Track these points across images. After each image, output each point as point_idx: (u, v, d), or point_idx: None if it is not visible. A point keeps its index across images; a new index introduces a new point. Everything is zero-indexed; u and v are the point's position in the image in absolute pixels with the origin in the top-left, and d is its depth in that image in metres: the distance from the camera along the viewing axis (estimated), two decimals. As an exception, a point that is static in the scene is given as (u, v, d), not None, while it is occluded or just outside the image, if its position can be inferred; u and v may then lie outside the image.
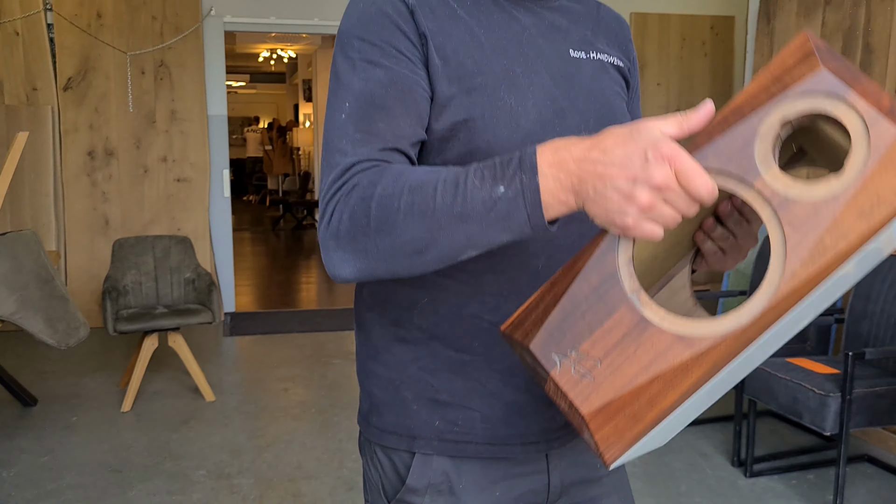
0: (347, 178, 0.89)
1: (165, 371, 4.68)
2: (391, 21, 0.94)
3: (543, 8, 1.04)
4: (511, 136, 0.95)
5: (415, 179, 0.83)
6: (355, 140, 0.91)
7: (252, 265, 8.80)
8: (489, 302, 1.00)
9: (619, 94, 1.07)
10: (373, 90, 0.92)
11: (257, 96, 18.62)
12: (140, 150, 5.75)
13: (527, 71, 0.98)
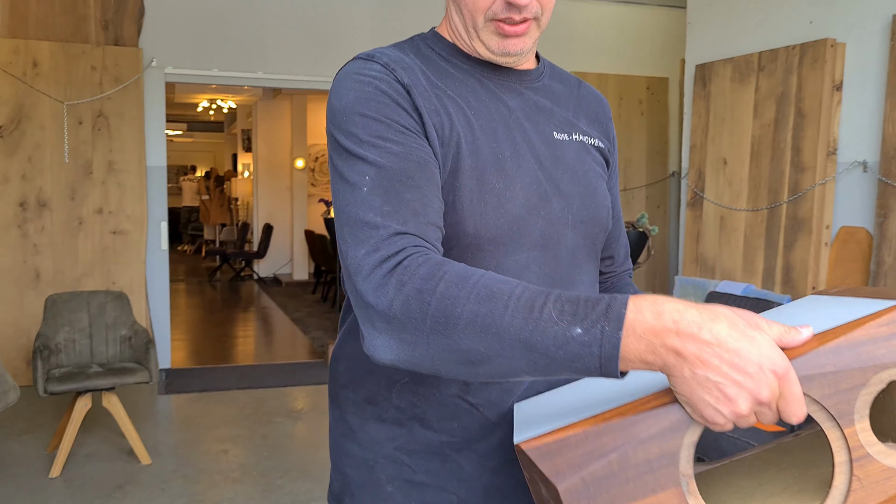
0: (397, 253, 0.83)
1: (98, 433, 4.48)
2: (391, 99, 0.92)
3: (528, 88, 1.05)
4: (498, 222, 0.94)
5: (484, 287, 0.78)
6: (384, 212, 0.85)
7: (188, 318, 8.57)
8: (471, 383, 0.98)
9: (600, 175, 1.08)
10: (392, 164, 0.88)
11: (194, 145, 18.40)
12: (75, 202, 5.58)
13: (514, 154, 0.98)
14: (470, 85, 1.00)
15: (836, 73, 3.68)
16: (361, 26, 6.23)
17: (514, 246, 0.96)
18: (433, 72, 1.00)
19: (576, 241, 1.03)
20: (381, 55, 0.98)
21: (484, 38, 0.97)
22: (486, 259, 0.96)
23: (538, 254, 0.98)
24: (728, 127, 4.26)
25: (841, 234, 3.68)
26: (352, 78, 0.95)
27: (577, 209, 1.02)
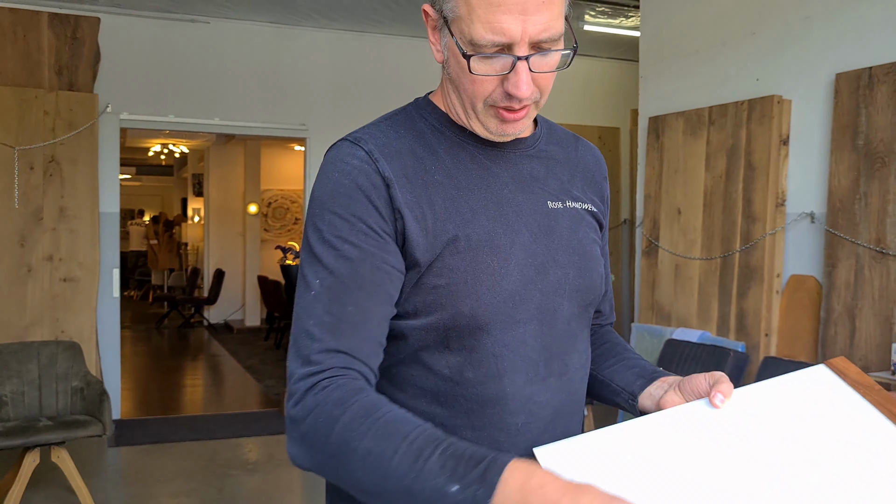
0: (322, 371, 0.89)
1: (44, 488, 4.31)
2: (365, 195, 0.94)
3: (522, 157, 1.06)
4: (493, 300, 0.96)
5: (383, 426, 0.83)
6: (325, 324, 0.91)
7: (136, 367, 8.35)
8: None
9: (594, 241, 1.10)
10: (345, 270, 0.93)
11: (142, 188, 18.14)
12: (24, 249, 5.44)
13: (507, 230, 0.99)
14: (461, 161, 1.01)
15: (783, 127, 3.84)
16: (317, 74, 6.28)
17: (510, 322, 0.98)
18: (424, 149, 1.00)
19: (571, 311, 1.05)
20: (369, 140, 0.99)
21: (483, 120, 0.98)
22: (483, 335, 0.97)
23: (535, 326, 1.00)
24: (681, 178, 4.39)
25: (791, 283, 3.80)
26: (334, 166, 0.97)
27: (573, 279, 1.04)
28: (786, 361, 3.44)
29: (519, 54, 0.90)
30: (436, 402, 0.99)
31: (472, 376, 0.98)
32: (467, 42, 0.91)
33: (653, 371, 1.10)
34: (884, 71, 3.34)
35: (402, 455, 0.80)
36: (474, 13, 0.88)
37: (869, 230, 3.36)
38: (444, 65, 1.00)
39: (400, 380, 1.01)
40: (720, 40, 4.28)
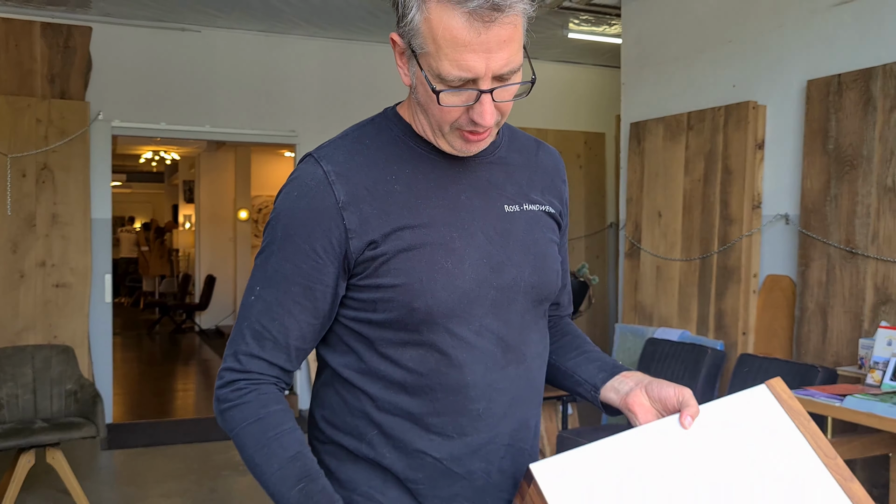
0: (243, 375, 1.10)
1: (38, 490, 4.38)
2: (314, 217, 1.07)
3: (481, 164, 1.15)
4: (448, 298, 1.07)
5: (268, 447, 1.06)
6: (255, 331, 1.10)
7: (128, 372, 8.40)
8: (434, 440, 1.10)
9: (551, 241, 1.20)
10: (279, 283, 1.09)
11: (133, 196, 18.16)
12: (17, 255, 5.51)
13: (463, 234, 1.10)
14: (422, 170, 1.11)
15: (759, 132, 3.96)
16: (308, 81, 6.38)
17: (466, 317, 1.09)
18: (387, 160, 1.11)
19: (526, 305, 1.15)
20: (330, 157, 1.10)
21: (449, 140, 1.08)
22: (440, 330, 1.08)
23: (491, 320, 1.11)
24: (661, 182, 4.50)
25: (767, 282, 3.92)
26: (296, 183, 1.10)
27: (528, 276, 1.14)
28: (759, 358, 3.55)
29: (483, 88, 1.00)
30: (404, 392, 1.10)
31: (435, 368, 1.09)
32: (435, 76, 1.00)
33: (614, 365, 1.21)
34: (852, 78, 3.46)
35: (274, 478, 1.05)
36: (441, 51, 0.98)
37: (839, 231, 3.48)
38: (411, 88, 1.09)
39: (372, 374, 1.11)
40: (698, 48, 4.41)
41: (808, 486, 1.01)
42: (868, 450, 2.71)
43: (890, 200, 3.28)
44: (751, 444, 1.04)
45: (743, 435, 1.04)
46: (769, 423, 1.06)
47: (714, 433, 1.04)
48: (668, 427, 1.04)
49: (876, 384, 2.67)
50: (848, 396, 2.44)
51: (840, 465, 1.04)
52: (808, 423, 1.07)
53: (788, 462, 1.03)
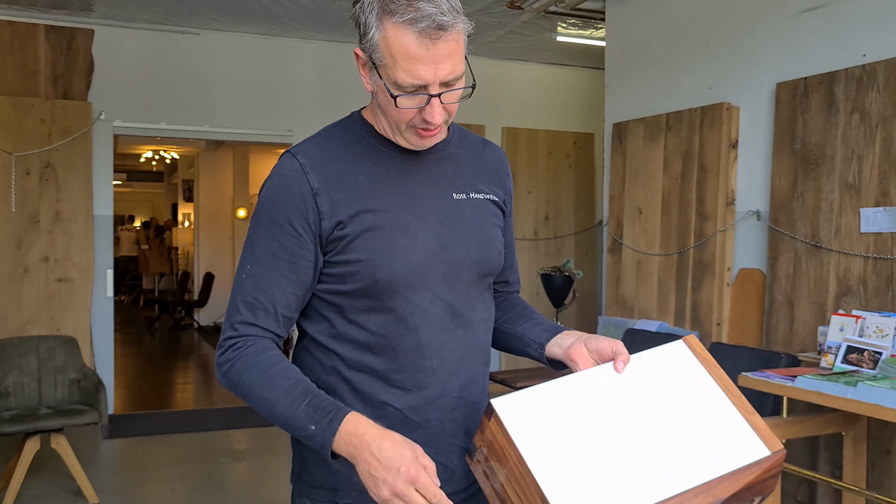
0: (239, 337, 1.26)
1: (43, 475, 4.56)
2: (293, 201, 1.27)
3: (433, 159, 1.36)
4: (405, 270, 1.27)
5: (270, 379, 1.21)
6: (248, 302, 1.27)
7: (128, 367, 8.58)
8: (396, 393, 1.30)
9: (494, 225, 1.40)
10: (267, 261, 1.27)
11: (132, 195, 18.34)
12: (21, 250, 5.69)
13: (417, 218, 1.30)
14: (383, 164, 1.31)
15: (732, 132, 4.14)
16: (304, 82, 6.56)
17: (420, 286, 1.29)
18: (353, 156, 1.31)
19: (472, 278, 1.35)
20: (305, 152, 1.30)
21: (405, 136, 1.29)
22: (399, 297, 1.28)
23: (442, 290, 1.31)
24: (642, 180, 4.69)
25: (740, 275, 4.10)
26: (276, 174, 1.30)
27: (473, 253, 1.34)
28: (729, 346, 3.73)
29: (432, 93, 1.21)
30: (369, 352, 1.30)
31: (394, 331, 1.29)
32: (392, 83, 1.21)
33: (556, 327, 1.41)
34: (817, 80, 3.64)
35: (282, 402, 1.19)
36: (397, 63, 1.19)
37: (805, 226, 3.67)
38: (372, 94, 1.30)
39: (342, 338, 1.31)
40: (677, 52, 4.59)
41: (717, 418, 1.20)
42: (822, 428, 2.89)
43: (851, 197, 3.47)
44: (671, 386, 1.23)
45: (665, 378, 1.24)
46: (686, 369, 1.26)
47: (641, 377, 1.23)
48: (604, 372, 1.23)
49: (829, 367, 2.85)
50: (798, 377, 2.62)
51: (744, 402, 1.23)
52: (718, 370, 1.27)
53: (701, 399, 1.22)
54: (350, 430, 1.13)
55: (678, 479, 1.12)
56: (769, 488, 1.21)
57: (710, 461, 1.15)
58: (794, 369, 2.92)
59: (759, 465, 1.16)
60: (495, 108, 6.98)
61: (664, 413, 1.20)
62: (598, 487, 1.09)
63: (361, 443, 1.12)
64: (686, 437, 1.17)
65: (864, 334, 2.80)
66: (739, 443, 1.18)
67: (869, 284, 3.37)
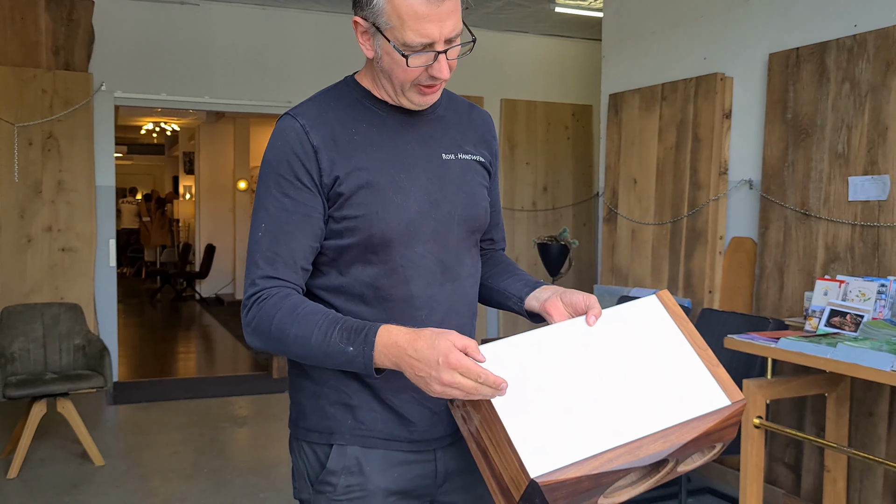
0: (261, 290, 1.30)
1: (49, 439, 4.67)
2: (298, 158, 1.33)
3: (423, 121, 1.42)
4: (398, 225, 1.35)
5: (302, 317, 1.26)
6: (267, 257, 1.32)
7: (131, 336, 8.70)
8: None
9: (480, 184, 1.47)
10: (281, 216, 1.32)
11: (134, 167, 18.37)
12: (24, 220, 5.77)
13: (409, 176, 1.37)
14: (377, 124, 1.38)
15: (726, 103, 4.19)
16: (303, 53, 6.59)
17: (412, 241, 1.36)
18: (349, 117, 1.37)
19: (460, 234, 1.43)
20: (304, 114, 1.36)
21: (409, 96, 1.35)
22: (393, 251, 1.35)
23: (432, 245, 1.39)
24: (637, 150, 4.74)
25: (732, 244, 4.17)
26: (279, 135, 1.36)
27: (461, 210, 1.42)
28: (719, 312, 3.82)
29: (439, 49, 1.28)
30: (363, 303, 1.37)
31: (387, 282, 1.36)
32: (401, 44, 1.27)
33: (535, 282, 1.48)
34: (809, 51, 3.69)
35: (316, 335, 1.24)
36: (405, 24, 1.25)
37: (795, 194, 3.73)
38: (374, 60, 1.35)
39: (337, 290, 1.39)
40: (672, 22, 4.62)
41: (681, 369, 1.28)
42: (805, 389, 2.98)
43: (840, 166, 3.52)
44: (640, 338, 1.30)
45: (635, 331, 1.31)
46: (656, 323, 1.33)
47: (613, 329, 1.30)
48: (576, 324, 1.29)
49: (813, 330, 2.93)
50: (781, 339, 2.70)
51: (709, 354, 1.31)
52: (687, 324, 1.34)
53: (669, 351, 1.29)
54: (385, 341, 1.19)
55: (639, 425, 1.19)
56: (728, 436, 1.28)
57: (672, 409, 1.22)
58: (779, 332, 3.00)
59: (718, 413, 1.23)
60: (494, 80, 7.01)
61: (630, 363, 1.26)
62: (562, 432, 1.16)
63: (399, 351, 1.17)
64: (649, 386, 1.24)
65: (848, 298, 2.88)
66: (701, 392, 1.25)
67: (856, 251, 3.44)
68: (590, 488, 1.15)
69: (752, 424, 2.83)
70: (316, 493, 1.39)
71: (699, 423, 1.21)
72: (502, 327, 6.97)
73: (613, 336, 1.29)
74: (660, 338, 1.31)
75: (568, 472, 1.12)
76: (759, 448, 2.89)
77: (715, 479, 4.07)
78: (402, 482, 1.40)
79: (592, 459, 1.13)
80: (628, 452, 1.15)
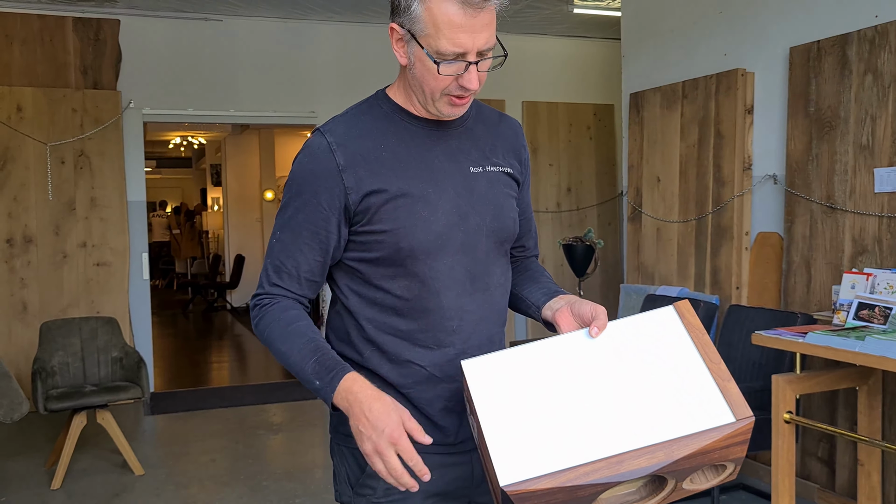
0: (264, 295, 1.42)
1: (90, 450, 4.78)
2: (319, 177, 1.38)
3: (451, 134, 1.45)
4: (426, 238, 1.38)
5: (287, 336, 1.37)
6: (275, 266, 1.42)
7: (165, 347, 8.84)
8: (420, 351, 1.42)
9: (509, 195, 1.50)
10: (294, 229, 1.40)
11: (162, 181, 18.63)
12: (59, 237, 5.91)
13: (436, 190, 1.40)
14: (405, 139, 1.42)
15: (748, 98, 4.18)
16: (326, 63, 6.68)
17: (440, 253, 1.40)
18: (378, 133, 1.40)
19: (489, 245, 1.46)
20: (333, 130, 1.40)
21: (439, 106, 1.38)
22: (421, 264, 1.39)
23: (461, 257, 1.42)
24: (659, 148, 4.75)
25: (758, 239, 4.17)
26: (306, 150, 1.42)
27: (489, 222, 1.45)
28: (747, 308, 3.81)
29: (471, 60, 1.31)
30: (395, 314, 1.42)
31: (418, 294, 1.41)
32: (434, 52, 1.31)
33: (554, 290, 1.51)
34: (830, 44, 3.68)
35: (295, 357, 1.35)
36: (441, 32, 1.29)
37: (820, 188, 3.72)
38: (407, 68, 1.39)
39: (370, 302, 1.43)
40: (692, 20, 4.63)
41: (689, 383, 1.23)
42: (835, 383, 2.98)
43: (865, 158, 3.51)
44: (649, 349, 1.26)
45: (645, 342, 1.27)
46: (669, 334, 1.28)
47: (621, 340, 1.27)
48: (580, 336, 1.29)
49: (841, 324, 2.93)
50: (809, 333, 2.71)
51: (722, 369, 1.25)
52: (703, 336, 1.28)
53: (677, 364, 1.25)
54: (347, 387, 1.28)
55: (625, 440, 1.15)
56: (735, 454, 1.20)
57: (666, 424, 1.17)
58: (807, 327, 3.00)
59: (718, 430, 1.16)
60: (514, 83, 7.04)
61: (631, 376, 1.22)
62: (541, 442, 1.15)
63: (355, 400, 1.26)
64: (647, 400, 1.20)
65: (876, 291, 2.87)
66: (704, 408, 1.18)
67: (884, 243, 3.42)
68: (565, 500, 1.13)
69: (783, 419, 2.84)
70: (357, 495, 1.44)
71: (694, 441, 1.15)
72: (531, 333, 6.99)
73: (619, 348, 1.26)
74: (670, 350, 1.26)
75: (540, 482, 1.11)
76: (790, 443, 2.89)
77: (747, 475, 4.06)
78: (440, 484, 1.44)
79: (568, 472, 1.12)
80: (607, 467, 1.12)
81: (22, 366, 5.60)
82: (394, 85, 1.47)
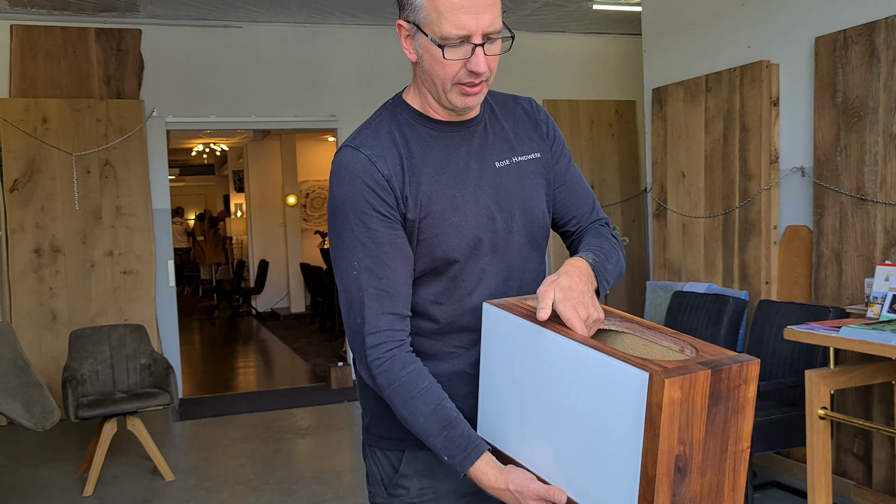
0: (377, 350, 1.33)
1: (120, 457, 4.82)
2: (372, 190, 1.33)
3: (473, 132, 1.43)
4: (459, 244, 1.38)
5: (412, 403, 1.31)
6: (371, 295, 1.33)
7: (192, 353, 8.90)
8: (454, 351, 1.42)
9: (538, 185, 1.47)
10: (372, 250, 1.32)
11: (186, 188, 18.79)
12: (86, 246, 5.97)
13: (465, 193, 1.39)
14: (429, 146, 1.39)
15: (773, 90, 4.13)
16: (345, 67, 6.69)
17: (473, 258, 1.39)
18: (402, 141, 1.38)
19: (521, 241, 1.44)
20: (365, 144, 1.37)
21: (451, 98, 1.35)
22: (456, 268, 1.38)
23: (491, 258, 1.41)
24: (684, 143, 4.70)
25: (787, 233, 4.11)
26: (345, 170, 1.36)
27: (518, 217, 1.43)
28: (777, 303, 3.76)
29: (476, 42, 1.29)
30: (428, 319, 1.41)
31: (451, 296, 1.40)
32: (438, 37, 1.29)
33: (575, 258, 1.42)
34: (856, 32, 3.62)
35: (421, 428, 1.31)
36: (442, 16, 1.27)
37: (850, 179, 3.66)
38: (417, 63, 1.37)
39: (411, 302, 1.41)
40: (714, 12, 4.58)
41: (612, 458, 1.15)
42: (870, 378, 2.92)
43: (895, 147, 3.45)
44: (600, 405, 1.15)
45: (599, 395, 1.15)
46: (623, 403, 1.12)
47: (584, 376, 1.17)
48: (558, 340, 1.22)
49: (876, 317, 2.87)
50: (843, 327, 2.66)
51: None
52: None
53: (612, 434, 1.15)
54: (475, 476, 1.29)
55: (554, 476, 1.24)
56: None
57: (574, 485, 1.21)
58: (839, 321, 2.94)
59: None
60: (535, 81, 7.00)
61: (576, 421, 1.17)
62: (509, 421, 1.30)
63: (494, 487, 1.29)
64: (577, 449, 1.19)
65: (910, 283, 2.81)
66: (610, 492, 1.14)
67: (917, 234, 3.36)
68: None
69: (817, 415, 2.79)
70: (390, 496, 1.43)
71: None
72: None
73: (580, 383, 1.16)
74: (616, 420, 1.12)
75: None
76: (826, 439, 2.84)
77: (781, 473, 4.00)
78: (471, 484, 1.42)
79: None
80: None
81: (52, 374, 5.65)
82: (409, 88, 1.45)
